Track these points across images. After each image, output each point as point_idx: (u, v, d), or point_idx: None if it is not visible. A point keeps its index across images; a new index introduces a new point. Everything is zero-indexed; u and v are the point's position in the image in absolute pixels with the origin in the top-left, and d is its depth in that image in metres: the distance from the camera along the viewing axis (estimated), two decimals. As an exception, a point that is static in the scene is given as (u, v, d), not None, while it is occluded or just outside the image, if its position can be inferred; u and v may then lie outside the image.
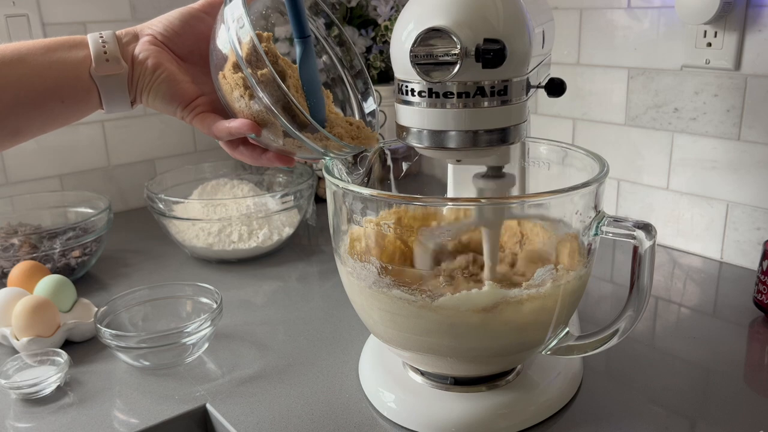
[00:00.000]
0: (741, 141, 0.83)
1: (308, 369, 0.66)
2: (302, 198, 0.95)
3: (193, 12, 0.53)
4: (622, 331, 0.53)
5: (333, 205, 0.57)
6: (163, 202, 0.91)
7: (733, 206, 0.86)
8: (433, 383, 0.58)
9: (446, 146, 0.50)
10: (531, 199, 0.55)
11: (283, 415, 0.59)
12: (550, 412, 0.57)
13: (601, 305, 0.79)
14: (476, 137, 0.49)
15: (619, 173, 0.98)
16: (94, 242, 0.89)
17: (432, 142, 0.50)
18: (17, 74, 0.48)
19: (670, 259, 0.91)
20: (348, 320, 0.75)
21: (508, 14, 0.47)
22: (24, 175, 1.09)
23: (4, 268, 0.83)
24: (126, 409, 0.61)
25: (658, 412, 0.58)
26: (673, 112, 0.89)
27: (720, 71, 0.83)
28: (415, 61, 0.46)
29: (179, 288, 0.76)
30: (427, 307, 0.50)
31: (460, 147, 0.50)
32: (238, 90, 0.46)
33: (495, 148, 0.52)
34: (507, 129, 0.50)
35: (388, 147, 0.66)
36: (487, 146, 0.50)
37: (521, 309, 0.51)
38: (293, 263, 0.94)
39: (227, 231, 0.91)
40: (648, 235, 0.49)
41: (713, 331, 0.72)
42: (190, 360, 0.68)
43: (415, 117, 0.50)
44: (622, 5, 0.91)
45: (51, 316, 0.70)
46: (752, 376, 0.65)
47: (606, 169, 0.53)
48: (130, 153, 1.20)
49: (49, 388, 0.63)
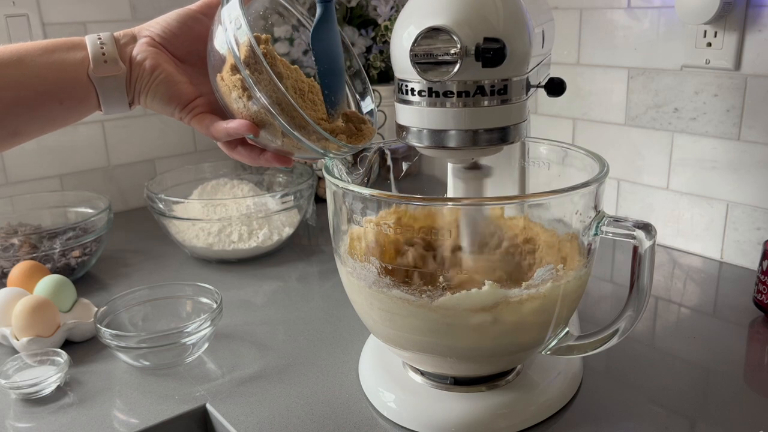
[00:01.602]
0: (741, 141, 0.83)
1: (308, 369, 0.66)
2: (302, 198, 0.95)
3: (190, 13, 0.53)
4: (621, 331, 0.53)
5: (333, 205, 0.57)
6: (163, 202, 0.91)
7: (733, 206, 0.86)
8: (433, 383, 0.58)
9: (446, 146, 0.50)
10: (531, 199, 0.55)
11: (283, 415, 0.59)
12: (550, 412, 0.57)
13: (601, 305, 0.79)
14: (476, 136, 0.49)
15: (619, 173, 0.98)
16: (94, 242, 0.89)
17: (432, 141, 0.50)
18: (16, 75, 0.48)
19: (670, 259, 0.91)
20: (348, 320, 0.75)
21: (508, 14, 0.47)
22: (24, 175, 1.09)
23: (4, 268, 0.83)
24: (126, 409, 0.61)
25: (658, 412, 0.58)
26: (673, 112, 0.89)
27: (720, 71, 0.83)
28: (415, 61, 0.46)
29: (179, 288, 0.76)
30: (426, 306, 0.50)
31: (460, 146, 0.50)
32: (236, 91, 0.46)
33: (495, 147, 0.52)
34: (507, 128, 0.50)
35: (388, 147, 0.66)
36: (487, 145, 0.50)
37: (521, 309, 0.51)
38: (293, 263, 0.94)
39: (227, 231, 0.91)
40: (648, 235, 0.49)
41: (713, 331, 0.72)
42: (190, 360, 0.68)
43: (415, 116, 0.50)
44: (622, 5, 0.91)
45: (51, 316, 0.70)
46: (752, 376, 0.65)
47: (606, 169, 0.53)
48: (130, 153, 1.20)
49: (49, 388, 0.63)
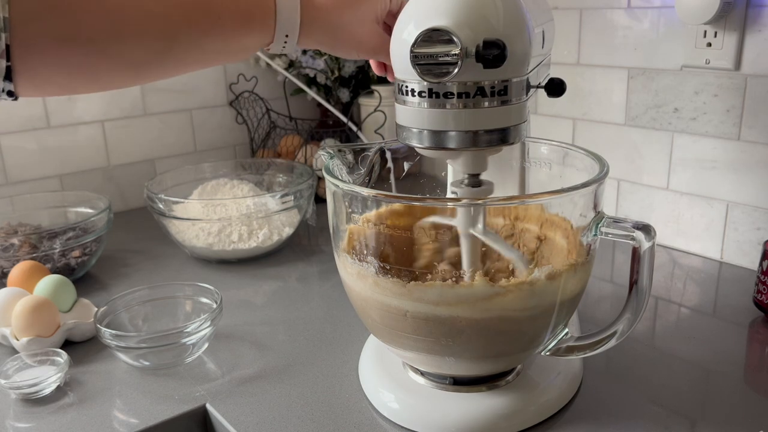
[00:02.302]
0: (741, 141, 0.83)
1: (308, 369, 0.66)
2: (302, 198, 0.95)
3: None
4: (620, 332, 0.53)
5: (333, 205, 0.57)
6: (163, 202, 0.91)
7: (733, 206, 0.86)
8: (433, 383, 0.58)
9: (446, 146, 0.50)
10: (531, 199, 0.55)
11: (283, 415, 0.59)
12: (550, 412, 0.57)
13: (601, 305, 0.79)
14: (476, 137, 0.49)
15: (619, 173, 0.98)
16: (94, 242, 0.89)
17: (432, 142, 0.50)
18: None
19: (670, 259, 0.91)
20: (348, 320, 0.75)
21: (509, 14, 0.47)
22: (24, 175, 1.09)
23: (4, 268, 0.83)
24: (126, 409, 0.61)
25: (658, 412, 0.58)
26: (673, 112, 0.89)
27: (720, 71, 0.83)
28: (415, 62, 0.46)
29: (179, 288, 0.76)
30: (424, 302, 0.50)
31: (460, 147, 0.50)
32: None
33: (495, 148, 0.51)
34: (507, 129, 0.50)
35: (389, 147, 0.66)
36: (487, 146, 0.50)
37: (520, 309, 0.51)
38: (293, 263, 0.94)
39: (227, 231, 0.91)
40: (647, 236, 0.49)
41: (713, 331, 0.72)
42: (190, 360, 0.68)
43: (415, 117, 0.50)
44: (622, 5, 0.91)
45: (51, 316, 0.70)
46: (752, 376, 0.65)
47: (606, 169, 0.53)
48: (130, 153, 1.20)
49: (49, 388, 0.63)
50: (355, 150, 0.62)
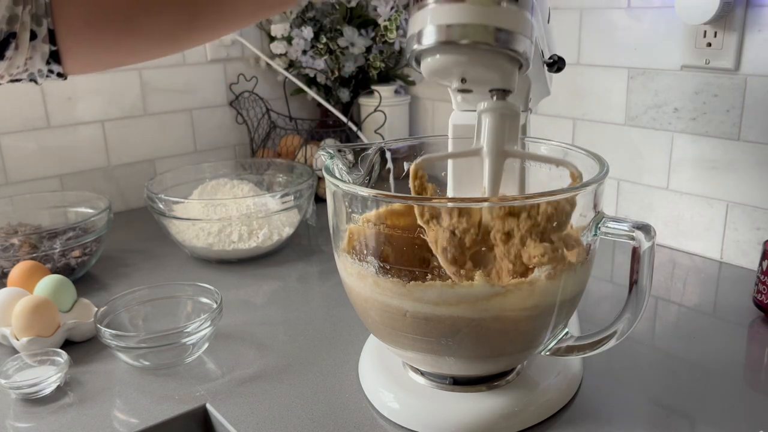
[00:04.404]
0: (741, 141, 0.83)
1: (308, 369, 0.66)
2: (302, 198, 0.95)
3: None
4: (620, 332, 0.53)
5: (333, 205, 0.57)
6: (163, 202, 0.91)
7: (733, 206, 0.86)
8: (433, 383, 0.58)
9: (457, 40, 0.49)
10: (531, 200, 0.55)
11: (283, 415, 0.59)
12: (550, 412, 0.57)
13: (601, 305, 0.79)
14: (487, 32, 0.48)
15: (619, 173, 0.98)
16: (94, 242, 0.89)
17: (443, 35, 0.49)
18: None
19: (670, 259, 0.91)
20: (348, 320, 0.75)
21: None
22: (24, 175, 1.09)
23: (4, 268, 0.83)
24: (126, 409, 0.61)
25: (658, 412, 0.58)
26: (673, 112, 0.89)
27: (720, 71, 0.83)
28: None
29: (179, 288, 0.76)
30: (424, 302, 0.50)
31: (471, 41, 0.49)
32: None
33: (502, 60, 0.50)
34: (518, 36, 0.49)
35: (388, 147, 0.66)
36: (497, 45, 0.49)
37: (520, 309, 0.51)
38: (293, 263, 0.94)
39: (227, 231, 0.92)
40: (647, 236, 0.49)
41: (713, 331, 0.72)
42: (190, 360, 0.68)
43: (428, 16, 0.50)
44: (622, 5, 0.91)
45: (51, 316, 0.70)
46: (752, 376, 0.65)
47: (606, 169, 0.53)
48: (130, 153, 1.20)
49: (49, 388, 0.63)
50: (355, 150, 0.62)
